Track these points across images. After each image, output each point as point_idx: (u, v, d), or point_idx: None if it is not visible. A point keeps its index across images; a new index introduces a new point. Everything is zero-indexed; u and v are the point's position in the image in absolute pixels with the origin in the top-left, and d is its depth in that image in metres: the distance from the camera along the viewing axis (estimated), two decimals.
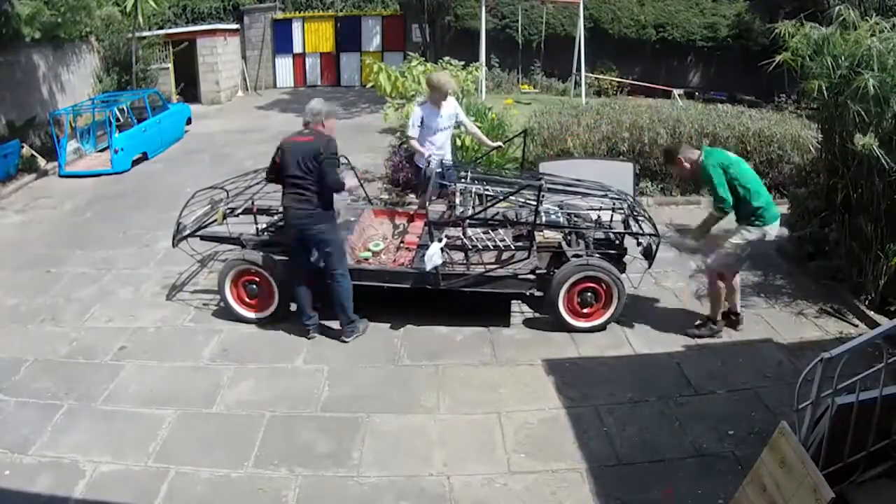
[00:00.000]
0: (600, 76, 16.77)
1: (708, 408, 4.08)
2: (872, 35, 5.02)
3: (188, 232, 5.36)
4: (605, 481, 3.44)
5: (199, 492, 3.40)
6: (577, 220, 5.46)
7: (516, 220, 5.35)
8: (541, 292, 4.93)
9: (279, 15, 18.45)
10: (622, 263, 5.10)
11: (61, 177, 9.89)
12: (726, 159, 4.68)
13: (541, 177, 5.44)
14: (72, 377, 4.44)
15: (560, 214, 5.42)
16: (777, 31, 5.48)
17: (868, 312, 5.11)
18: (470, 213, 5.22)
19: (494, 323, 5.10)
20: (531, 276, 4.90)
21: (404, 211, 6.19)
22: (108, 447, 3.73)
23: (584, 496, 3.36)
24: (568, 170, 6.29)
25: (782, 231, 5.09)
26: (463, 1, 17.34)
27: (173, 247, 5.43)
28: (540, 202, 4.91)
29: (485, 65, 12.92)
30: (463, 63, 9.34)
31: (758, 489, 2.86)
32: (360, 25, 18.67)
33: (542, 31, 16.61)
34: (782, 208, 6.81)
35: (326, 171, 4.48)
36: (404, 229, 5.80)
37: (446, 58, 9.45)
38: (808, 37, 5.26)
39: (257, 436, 3.83)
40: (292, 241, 4.81)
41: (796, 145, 7.91)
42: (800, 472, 2.61)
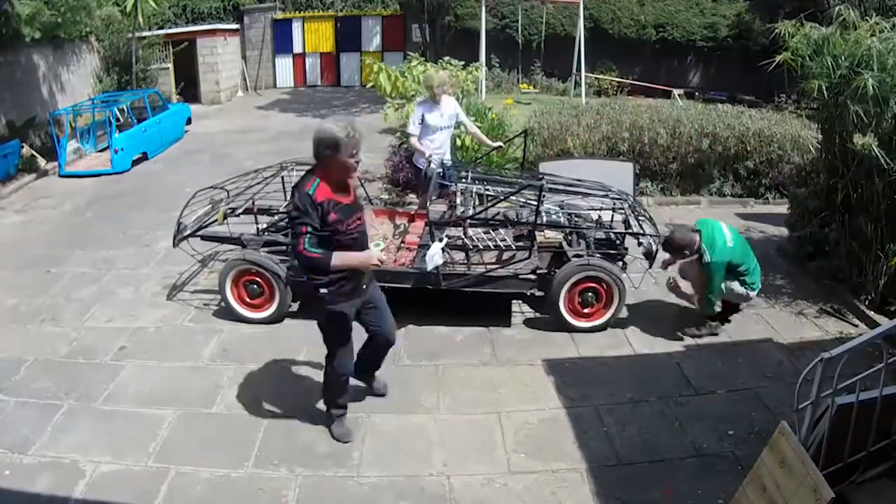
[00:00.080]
0: (600, 76, 16.77)
1: (708, 408, 4.08)
2: (872, 35, 5.02)
3: (189, 232, 5.36)
4: (605, 481, 3.44)
5: (199, 492, 3.40)
6: (577, 220, 5.46)
7: (517, 220, 5.35)
8: (541, 292, 4.93)
9: (279, 15, 18.45)
10: (623, 263, 5.10)
11: (61, 177, 9.88)
12: (729, 254, 4.60)
13: (541, 177, 5.44)
14: (72, 377, 4.44)
15: (561, 214, 5.42)
16: (777, 31, 5.47)
17: (868, 312, 5.11)
18: (471, 213, 5.22)
19: (494, 323, 5.10)
20: (532, 275, 4.90)
21: (405, 211, 6.19)
22: (108, 447, 3.72)
23: (584, 496, 3.36)
24: (568, 170, 6.30)
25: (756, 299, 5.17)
26: (463, 1, 17.34)
27: (174, 247, 5.42)
28: (541, 202, 4.91)
29: (485, 65, 12.92)
30: (463, 63, 9.34)
31: (758, 489, 2.86)
32: (360, 25, 18.68)
33: (542, 31, 16.61)
34: (782, 208, 6.85)
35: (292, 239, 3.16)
36: (405, 229, 5.80)
37: (446, 58, 9.46)
38: (808, 37, 5.26)
39: (257, 436, 3.83)
40: None
41: (796, 145, 7.91)
42: (800, 472, 2.61)
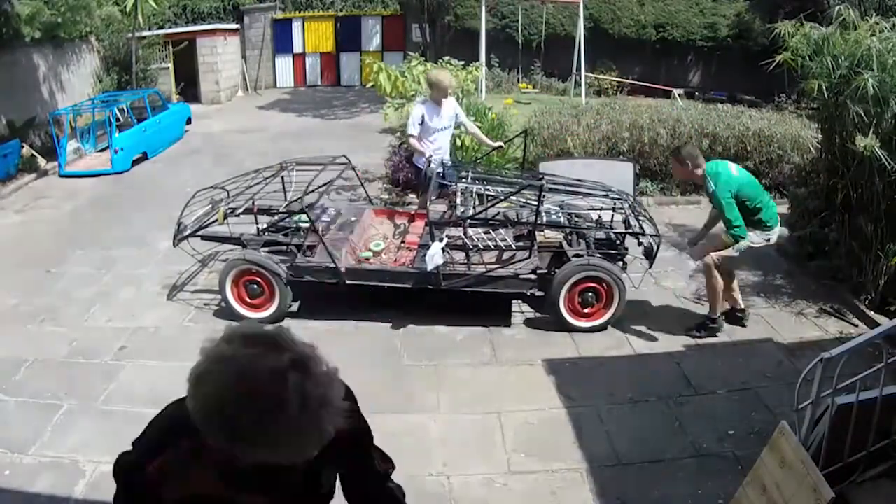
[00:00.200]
0: (600, 76, 16.76)
1: (708, 408, 4.08)
2: (872, 35, 5.01)
3: (189, 232, 5.36)
4: (605, 481, 3.44)
5: None
6: (577, 220, 5.46)
7: (517, 220, 5.36)
8: (541, 292, 4.93)
9: (279, 15, 18.43)
10: (623, 263, 5.10)
11: (61, 177, 9.87)
12: (736, 183, 4.47)
13: (541, 177, 5.44)
14: (72, 377, 4.44)
15: (561, 214, 5.41)
16: (777, 31, 5.47)
17: (868, 312, 5.11)
18: (471, 213, 5.22)
19: (494, 323, 5.10)
20: (532, 275, 4.90)
21: (405, 211, 6.19)
22: (108, 447, 3.70)
23: (584, 496, 3.36)
24: (568, 170, 6.30)
25: (783, 231, 5.04)
26: (463, 1, 17.34)
27: (174, 246, 5.42)
28: (541, 202, 4.91)
29: (485, 65, 12.90)
30: (463, 63, 9.32)
31: (758, 489, 2.86)
32: (360, 25, 18.66)
33: (542, 30, 16.61)
34: (782, 208, 6.85)
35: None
36: (405, 229, 5.81)
37: (446, 58, 9.43)
38: (807, 37, 5.26)
39: None
40: None
41: (796, 145, 7.91)
42: (800, 471, 2.61)
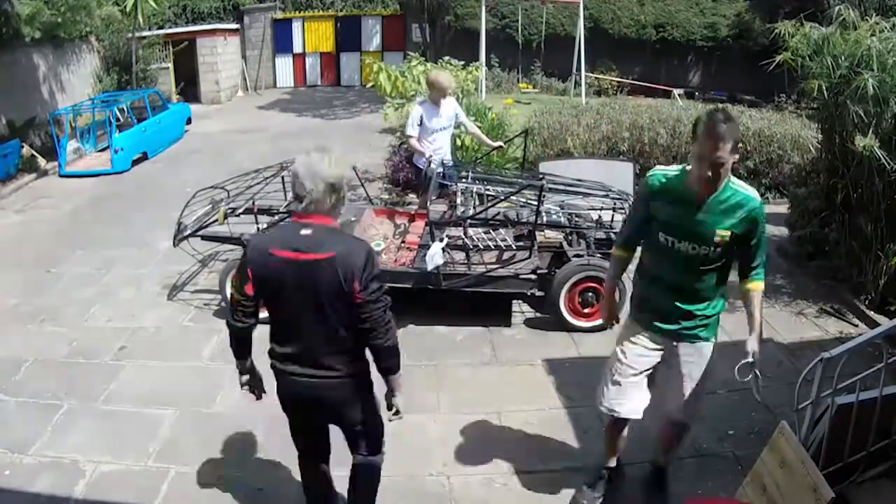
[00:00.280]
0: (600, 76, 16.77)
1: (708, 408, 4.06)
2: (872, 35, 5.01)
3: (189, 232, 5.36)
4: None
5: (198, 492, 3.40)
6: (577, 220, 5.46)
7: (517, 220, 5.35)
8: (542, 292, 4.93)
9: (279, 15, 18.45)
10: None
11: (61, 177, 9.88)
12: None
13: (542, 177, 5.44)
14: (72, 377, 4.44)
15: (561, 214, 5.42)
16: (777, 31, 5.47)
17: (868, 312, 5.11)
18: (471, 213, 5.22)
19: (494, 323, 5.10)
20: (532, 275, 4.90)
21: (405, 211, 6.19)
22: (108, 447, 3.72)
23: (584, 496, 3.35)
24: (568, 170, 6.29)
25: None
26: (463, 1, 17.34)
27: (174, 247, 5.42)
28: (541, 202, 4.91)
29: (485, 65, 12.91)
30: (463, 63, 9.33)
31: (758, 489, 2.86)
32: (360, 25, 18.68)
33: (542, 30, 16.62)
34: (782, 208, 6.84)
35: (374, 316, 2.50)
36: (405, 229, 5.80)
37: (446, 58, 9.44)
38: (807, 37, 5.26)
39: (257, 436, 3.83)
40: (292, 419, 2.84)
41: (796, 145, 7.90)
42: (800, 472, 2.61)
